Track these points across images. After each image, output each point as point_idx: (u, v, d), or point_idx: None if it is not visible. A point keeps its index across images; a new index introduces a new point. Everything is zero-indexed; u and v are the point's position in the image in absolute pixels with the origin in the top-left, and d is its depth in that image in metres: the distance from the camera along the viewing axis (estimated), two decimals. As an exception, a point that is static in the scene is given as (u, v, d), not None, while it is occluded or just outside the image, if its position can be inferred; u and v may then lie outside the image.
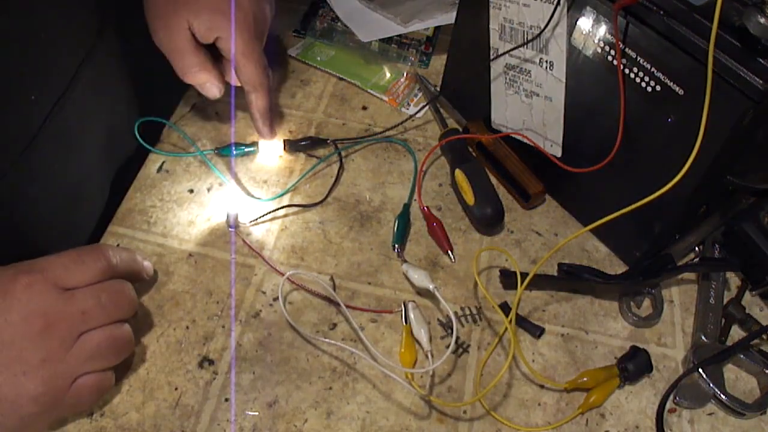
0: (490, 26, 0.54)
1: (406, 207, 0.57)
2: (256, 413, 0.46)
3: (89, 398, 0.42)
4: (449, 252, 0.54)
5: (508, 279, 0.52)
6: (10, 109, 0.44)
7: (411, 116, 0.64)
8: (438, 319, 0.51)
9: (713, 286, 0.53)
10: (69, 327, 0.41)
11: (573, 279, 0.52)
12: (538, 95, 0.54)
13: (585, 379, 0.47)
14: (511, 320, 0.47)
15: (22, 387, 0.39)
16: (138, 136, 0.57)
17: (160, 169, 0.60)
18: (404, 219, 0.56)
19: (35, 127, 0.47)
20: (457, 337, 0.49)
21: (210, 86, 0.57)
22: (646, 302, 0.53)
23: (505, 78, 0.56)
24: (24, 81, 0.46)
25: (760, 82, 0.38)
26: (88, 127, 0.55)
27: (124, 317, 0.44)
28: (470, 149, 0.61)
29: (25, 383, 0.39)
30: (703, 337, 0.50)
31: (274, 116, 0.62)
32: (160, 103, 0.65)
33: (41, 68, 0.48)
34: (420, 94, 0.68)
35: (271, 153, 0.61)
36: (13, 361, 0.39)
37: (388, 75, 0.69)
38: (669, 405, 0.47)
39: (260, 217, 0.56)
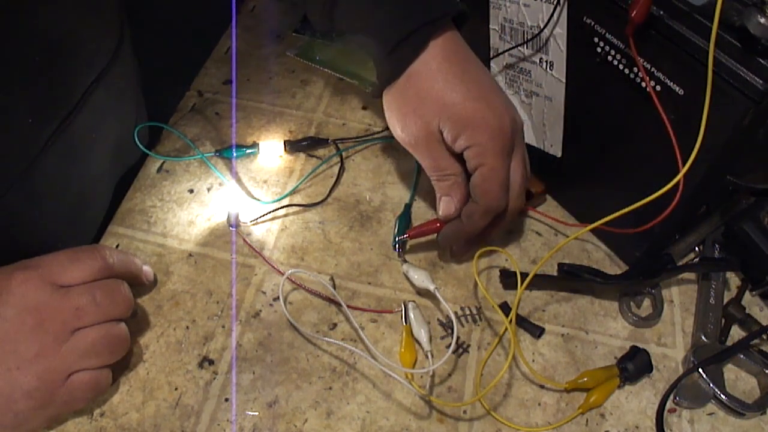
0: (490, 26, 0.54)
1: (407, 207, 0.57)
2: (256, 413, 0.46)
3: (83, 395, 0.43)
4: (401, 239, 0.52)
5: (508, 279, 0.52)
6: (11, 131, 0.44)
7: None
8: (438, 319, 0.51)
9: (713, 286, 0.53)
10: (62, 322, 0.41)
11: (573, 279, 0.52)
12: (538, 95, 0.54)
13: (585, 379, 0.47)
14: (511, 320, 0.47)
15: (16, 381, 0.40)
16: (138, 142, 0.57)
17: (160, 169, 0.60)
18: (405, 219, 0.56)
19: (38, 148, 0.46)
20: (458, 337, 0.49)
21: (448, 203, 0.49)
22: (646, 302, 0.53)
23: (505, 78, 0.56)
24: (30, 103, 0.45)
25: (760, 82, 0.38)
26: (94, 141, 0.54)
27: (119, 316, 0.44)
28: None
29: (18, 377, 0.40)
30: (703, 337, 0.50)
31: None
32: (164, 105, 0.65)
33: (52, 90, 0.46)
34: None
35: (271, 154, 0.61)
36: (7, 355, 0.40)
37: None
38: (669, 405, 0.47)
39: (260, 217, 0.56)
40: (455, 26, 0.48)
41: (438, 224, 0.51)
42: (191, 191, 0.58)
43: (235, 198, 0.58)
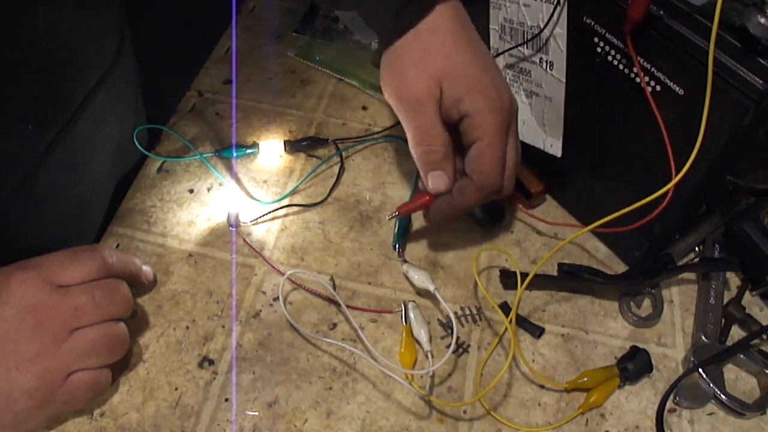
0: (490, 26, 0.54)
1: (407, 207, 0.57)
2: (256, 413, 0.46)
3: (83, 395, 0.43)
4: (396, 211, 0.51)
5: (508, 279, 0.52)
6: (11, 138, 0.43)
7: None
8: (438, 319, 0.51)
9: (713, 286, 0.53)
10: (62, 322, 0.41)
11: (573, 279, 0.52)
12: (538, 95, 0.54)
13: (585, 379, 0.47)
14: (511, 320, 0.47)
15: (15, 382, 0.40)
16: (137, 144, 0.57)
17: (160, 169, 0.60)
18: (405, 219, 0.56)
19: (39, 154, 0.46)
20: (458, 337, 0.49)
21: (440, 177, 0.47)
22: (646, 302, 0.53)
23: (505, 78, 0.56)
24: (30, 109, 0.44)
25: (760, 82, 0.38)
26: (95, 145, 0.54)
27: (118, 316, 0.44)
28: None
29: (18, 377, 0.40)
30: (703, 337, 0.50)
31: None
32: (164, 105, 0.65)
33: (52, 96, 0.46)
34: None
35: (271, 154, 0.61)
36: (6, 355, 0.40)
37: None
38: (669, 405, 0.47)
39: (260, 217, 0.56)
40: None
41: (428, 197, 0.49)
42: (191, 191, 0.58)
43: (235, 198, 0.58)
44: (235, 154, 0.60)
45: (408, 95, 0.46)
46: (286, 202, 0.57)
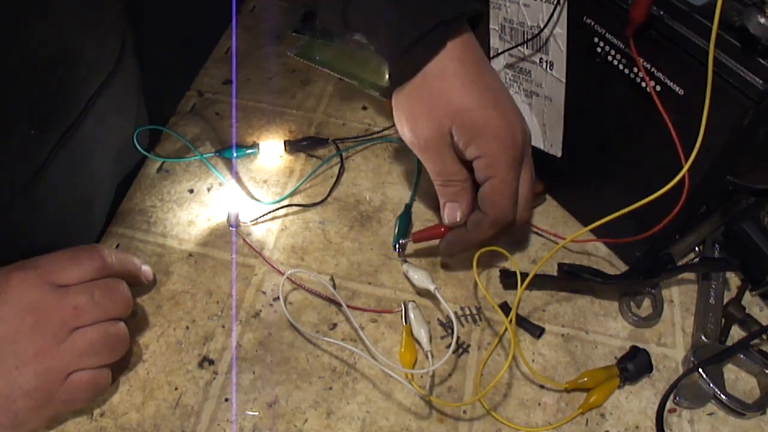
0: (490, 26, 0.54)
1: (408, 207, 0.57)
2: (256, 413, 0.46)
3: (83, 395, 0.43)
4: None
5: (508, 279, 0.52)
6: (13, 144, 0.43)
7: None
8: (438, 319, 0.51)
9: (713, 286, 0.53)
10: (61, 322, 0.41)
11: (573, 279, 0.52)
12: (538, 95, 0.54)
13: (585, 379, 0.47)
14: (511, 320, 0.47)
15: (15, 381, 0.40)
16: (137, 145, 0.57)
17: (160, 169, 0.60)
18: (405, 219, 0.56)
19: (41, 159, 0.46)
20: (458, 337, 0.49)
21: (455, 209, 0.49)
22: (646, 302, 0.53)
23: (505, 78, 0.56)
24: (32, 115, 0.44)
25: (760, 82, 0.38)
26: (97, 148, 0.54)
27: (118, 315, 0.44)
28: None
29: (17, 377, 0.40)
30: (703, 337, 0.50)
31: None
32: (164, 105, 0.65)
33: (53, 101, 0.46)
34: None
35: (272, 154, 0.61)
36: (6, 355, 0.40)
37: (387, 75, 0.69)
38: (669, 405, 0.47)
39: (260, 217, 0.56)
40: (470, 27, 0.47)
41: (443, 229, 0.51)
42: (191, 191, 0.58)
43: (235, 198, 0.58)
44: (235, 154, 0.60)
45: (420, 141, 0.47)
46: (286, 202, 0.57)
